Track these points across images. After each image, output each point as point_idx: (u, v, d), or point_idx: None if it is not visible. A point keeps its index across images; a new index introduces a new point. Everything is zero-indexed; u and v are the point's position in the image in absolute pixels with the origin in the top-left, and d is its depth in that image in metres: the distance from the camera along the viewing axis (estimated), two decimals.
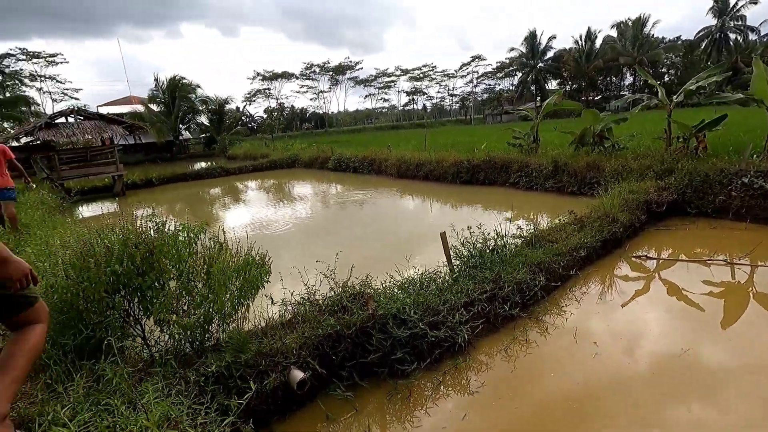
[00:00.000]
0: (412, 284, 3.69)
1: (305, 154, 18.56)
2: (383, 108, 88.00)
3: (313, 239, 7.28)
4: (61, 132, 11.55)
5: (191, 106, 36.59)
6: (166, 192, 14.62)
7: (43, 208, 7.45)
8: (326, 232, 7.79)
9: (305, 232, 7.81)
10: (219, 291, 2.61)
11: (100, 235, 2.46)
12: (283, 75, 66.54)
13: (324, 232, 7.80)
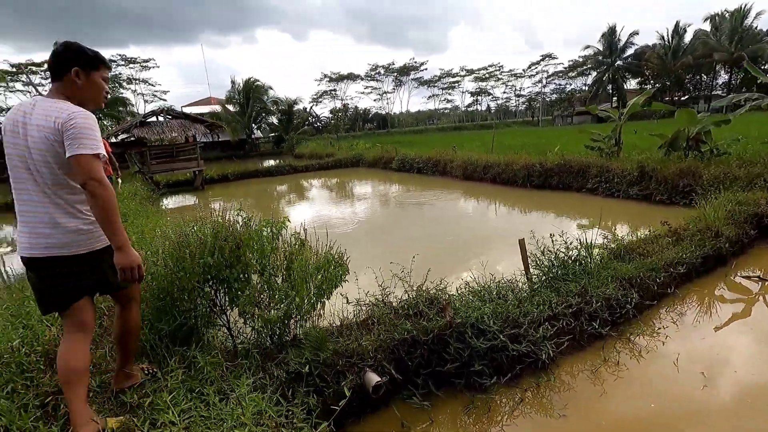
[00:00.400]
0: (487, 292, 3.51)
1: (369, 154, 18.77)
2: (445, 109, 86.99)
3: (379, 239, 7.29)
4: (153, 130, 12.72)
5: (263, 106, 38.60)
6: (240, 187, 15.50)
7: (137, 198, 8.20)
8: (391, 232, 7.76)
9: (371, 231, 7.85)
10: (300, 288, 2.62)
11: (195, 228, 2.57)
12: (348, 76, 68.24)
13: (388, 232, 7.78)
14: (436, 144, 23.72)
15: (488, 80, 76.53)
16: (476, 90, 79.27)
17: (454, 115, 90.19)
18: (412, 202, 10.39)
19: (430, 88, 76.97)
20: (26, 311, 2.71)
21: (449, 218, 8.51)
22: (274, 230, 2.84)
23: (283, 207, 11.60)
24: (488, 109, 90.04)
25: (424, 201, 10.37)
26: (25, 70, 43.00)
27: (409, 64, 69.30)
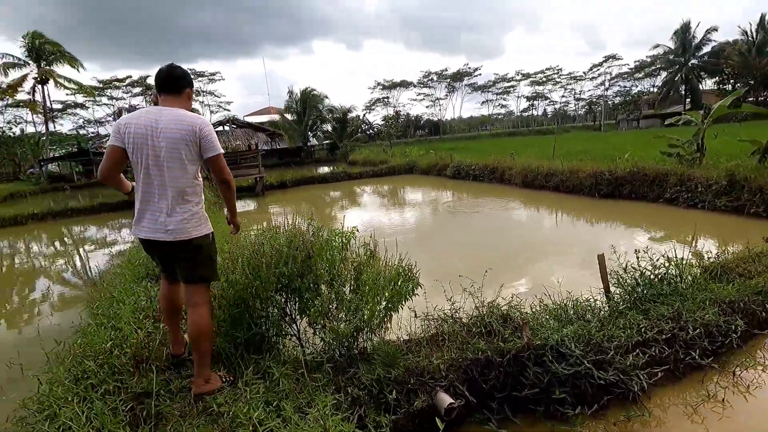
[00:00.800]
0: (563, 310, 3.25)
1: (423, 160, 18.63)
2: (499, 114, 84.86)
3: (435, 247, 7.11)
4: (219, 139, 13.46)
5: (319, 115, 39.79)
6: (297, 193, 15.98)
7: (206, 204, 8.63)
8: (448, 240, 7.56)
9: (426, 239, 7.70)
10: (371, 301, 2.56)
11: (269, 236, 2.59)
12: (401, 84, 68.66)
13: (445, 240, 7.58)
14: (490, 150, 23.12)
15: (545, 84, 73.71)
16: (532, 94, 76.63)
17: (508, 120, 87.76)
18: (468, 210, 10.11)
19: (483, 93, 75.56)
20: (115, 312, 2.88)
21: (508, 227, 8.16)
22: (343, 240, 2.80)
23: (338, 213, 11.76)
24: (544, 114, 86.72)
25: (481, 209, 10.05)
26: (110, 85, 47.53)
27: (463, 70, 68.46)
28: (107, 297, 3.39)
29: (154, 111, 2.15)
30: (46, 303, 6.28)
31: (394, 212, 10.97)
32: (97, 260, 9.18)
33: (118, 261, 8.34)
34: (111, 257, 9.07)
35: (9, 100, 39.08)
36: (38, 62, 34.06)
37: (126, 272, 4.04)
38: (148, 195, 2.16)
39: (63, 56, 35.15)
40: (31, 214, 13.51)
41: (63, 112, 46.18)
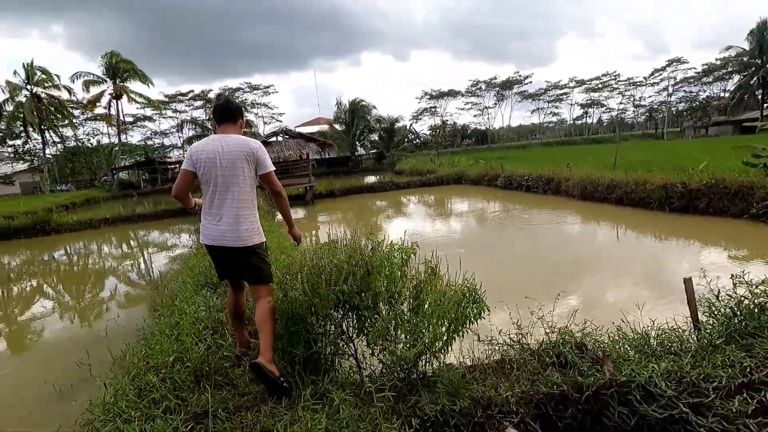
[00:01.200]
0: (645, 340, 2.89)
1: (472, 170, 18.22)
2: (550, 123, 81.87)
3: (492, 263, 6.77)
4: (273, 149, 13.93)
5: (367, 125, 40.39)
6: (345, 202, 16.14)
7: (261, 213, 8.90)
8: (506, 256, 7.20)
9: (481, 253, 7.37)
10: (433, 324, 2.38)
11: (328, 251, 2.50)
12: (449, 93, 68.31)
13: (503, 256, 7.23)
14: (542, 160, 22.22)
15: (601, 91, 70.35)
16: (587, 102, 73.37)
17: (560, 129, 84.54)
18: (523, 223, 9.66)
19: (534, 101, 73.36)
20: (176, 321, 2.92)
21: (570, 242, 7.66)
22: (403, 256, 2.66)
23: (386, 223, 11.68)
24: (599, 122, 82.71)
25: (538, 222, 9.56)
26: (175, 99, 51.03)
27: (513, 78, 67.03)
28: (169, 304, 3.48)
29: (218, 138, 2.57)
30: (113, 301, 6.65)
31: (443, 223, 10.72)
32: (159, 261, 9.72)
33: (178, 265, 8.76)
34: (171, 260, 9.56)
35: (88, 114, 43.13)
36: (114, 79, 37.29)
37: (187, 280, 4.15)
38: (216, 208, 2.54)
39: (135, 73, 38.25)
40: (103, 218, 14.61)
41: (133, 124, 50.15)
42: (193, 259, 5.75)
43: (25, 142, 43.68)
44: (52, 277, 8.81)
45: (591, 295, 5.03)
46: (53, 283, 8.33)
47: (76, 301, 6.99)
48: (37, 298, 7.24)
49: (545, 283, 5.42)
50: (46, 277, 8.80)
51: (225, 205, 2.50)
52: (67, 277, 8.72)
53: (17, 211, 17.95)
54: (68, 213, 21.99)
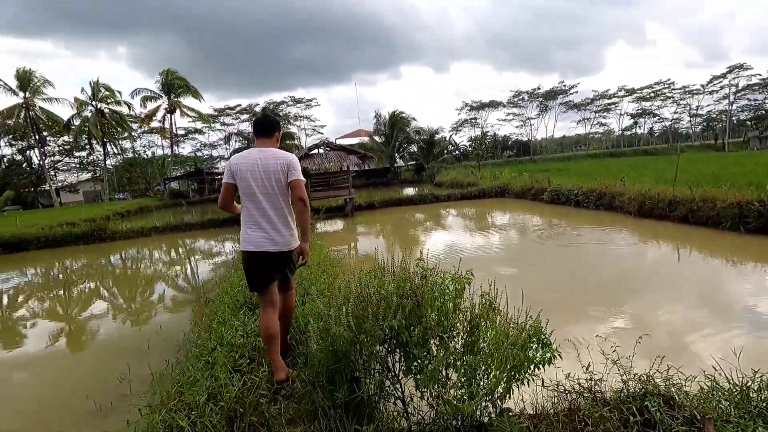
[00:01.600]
0: (745, 394, 2.42)
1: (516, 183, 17.55)
2: (596, 133, 78.35)
3: (548, 289, 6.23)
4: (314, 161, 14.02)
5: (406, 136, 40.38)
6: (385, 214, 15.97)
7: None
8: (556, 280, 6.64)
9: (533, 277, 6.77)
10: (494, 367, 2.08)
11: (376, 279, 2.27)
12: (490, 104, 67.23)
13: (553, 280, 6.69)
14: (590, 172, 21.12)
15: (653, 100, 66.71)
16: (637, 111, 69.77)
17: (607, 140, 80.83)
18: (577, 241, 9.03)
19: (580, 111, 70.63)
20: (212, 346, 2.79)
21: (636, 266, 6.99)
22: (457, 286, 2.37)
23: (425, 236, 11.36)
24: (650, 132, 78.32)
25: (594, 241, 8.91)
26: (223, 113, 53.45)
27: (557, 88, 65.00)
28: (207, 324, 3.39)
29: (256, 152, 2.75)
30: (158, 310, 6.76)
31: (486, 239, 10.27)
32: (203, 268, 9.96)
33: (221, 270, 8.89)
34: (214, 267, 9.76)
35: (145, 128, 46.03)
36: (169, 95, 39.58)
37: (225, 299, 4.07)
38: (257, 217, 2.69)
39: (188, 89, 40.45)
40: (153, 227, 15.25)
41: (185, 137, 52.94)
42: (232, 273, 5.71)
43: (89, 153, 47.22)
44: (103, 283, 9.17)
45: (667, 331, 4.48)
46: (103, 289, 8.66)
47: (124, 309, 7.17)
48: (88, 305, 7.52)
49: (609, 312, 4.92)
50: (98, 283, 9.18)
51: (265, 214, 2.67)
52: (116, 284, 9.04)
53: (79, 218, 19.17)
54: (123, 221, 23.30)
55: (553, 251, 8.28)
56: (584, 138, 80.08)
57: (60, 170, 49.26)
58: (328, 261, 5.12)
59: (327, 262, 5.10)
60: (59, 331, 6.20)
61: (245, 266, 2.79)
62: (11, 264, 12.11)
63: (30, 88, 35.66)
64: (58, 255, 13.04)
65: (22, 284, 9.82)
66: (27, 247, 13.72)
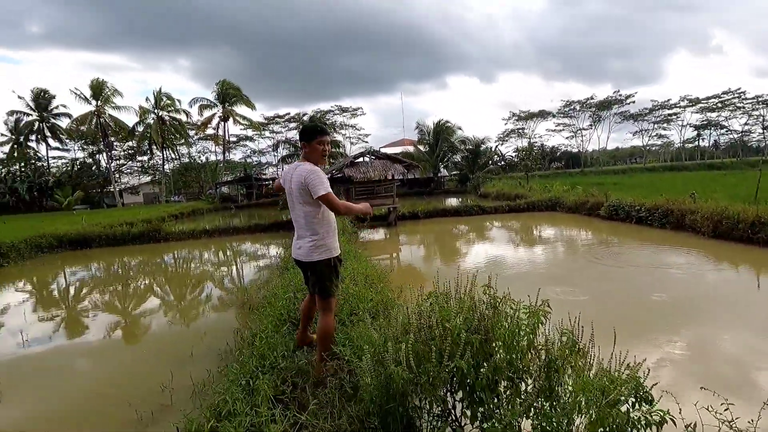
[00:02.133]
0: None
1: (568, 196, 16.61)
2: (653, 145, 73.57)
3: (614, 316, 5.65)
4: (359, 169, 13.95)
5: (451, 146, 39.83)
6: (428, 225, 15.60)
7: (346, 235, 8.89)
8: (628, 307, 5.99)
9: (606, 306, 5.87)
10: (588, 429, 1.72)
11: (437, 306, 1.97)
12: (539, 114, 65.15)
13: (624, 306, 6.06)
14: (649, 186, 19.69)
15: (721, 110, 61.85)
16: (701, 122, 64.96)
17: (665, 152, 75.77)
18: (646, 262, 8.25)
19: (637, 122, 66.74)
20: (252, 368, 2.60)
21: (718, 295, 6.23)
22: (533, 320, 2.03)
23: (473, 251, 10.89)
24: (715, 145, 72.60)
25: (664, 263, 8.09)
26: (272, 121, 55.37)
27: (612, 98, 61.88)
28: (249, 340, 3.24)
29: (293, 166, 2.98)
30: (204, 313, 6.79)
31: (538, 257, 9.65)
32: (248, 271, 10.11)
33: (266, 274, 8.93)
34: (258, 270, 9.86)
35: (200, 135, 48.57)
36: (223, 104, 41.58)
37: (269, 311, 3.92)
38: (294, 226, 2.99)
39: (241, 98, 42.31)
40: (203, 229, 15.79)
41: (236, 144, 55.27)
42: (276, 281, 5.60)
43: (150, 158, 50.42)
44: (155, 281, 9.48)
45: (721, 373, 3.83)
46: (156, 286, 8.92)
47: (173, 307, 7.30)
48: (140, 302, 7.74)
49: (703, 353, 4.31)
50: (151, 281, 9.50)
51: (296, 224, 2.95)
52: (167, 282, 9.31)
53: (137, 218, 20.30)
54: (176, 222, 24.45)
55: (616, 272, 7.58)
56: (639, 150, 75.57)
57: (124, 173, 52.92)
58: (375, 274, 4.86)
59: (374, 275, 4.85)
60: (111, 327, 6.36)
61: None
62: (76, 261, 12.89)
63: (101, 97, 38.68)
64: (117, 253, 13.76)
65: (85, 279, 10.37)
66: (90, 245, 14.60)
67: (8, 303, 8.23)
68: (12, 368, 4.97)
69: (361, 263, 5.31)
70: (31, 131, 42.80)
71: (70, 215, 27.97)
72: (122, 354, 5.31)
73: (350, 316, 3.45)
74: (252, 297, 6.43)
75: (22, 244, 12.88)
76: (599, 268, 7.94)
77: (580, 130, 66.79)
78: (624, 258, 8.63)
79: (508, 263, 8.87)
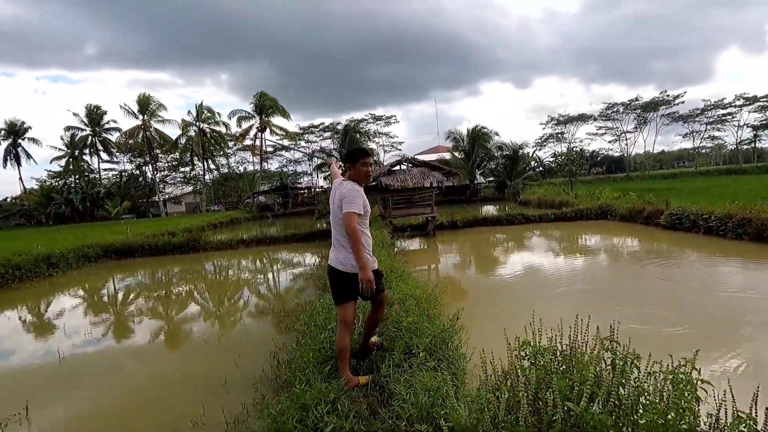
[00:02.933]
0: None
1: (621, 204, 15.42)
2: (704, 148, 68.87)
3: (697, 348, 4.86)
4: (396, 177, 13.48)
5: (487, 152, 38.75)
6: (469, 235, 14.90)
7: (385, 248, 8.39)
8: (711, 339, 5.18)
9: (712, 341, 4.69)
10: None
11: (546, 372, 1.43)
12: (579, 118, 62.69)
13: (707, 337, 5.22)
14: (708, 192, 18.03)
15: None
16: (760, 122, 60.27)
17: (717, 155, 70.83)
18: (721, 278, 7.27)
19: (686, 124, 62.78)
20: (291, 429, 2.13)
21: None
22: (686, 393, 1.44)
23: (522, 266, 10.12)
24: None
25: (752, 282, 7.09)
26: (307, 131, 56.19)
27: (659, 99, 58.59)
28: (286, 380, 2.80)
29: (338, 182, 3.22)
30: (240, 329, 6.48)
31: (595, 272, 8.79)
32: (285, 283, 9.84)
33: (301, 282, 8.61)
34: (295, 281, 9.59)
35: (239, 145, 49.93)
36: (260, 115, 42.52)
37: (309, 343, 3.46)
38: (332, 238, 3.16)
39: (277, 109, 43.13)
40: (240, 239, 15.81)
41: (273, 154, 56.43)
42: (317, 304, 5.17)
43: (191, 169, 52.33)
44: (192, 294, 9.36)
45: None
46: (192, 300, 8.78)
47: (207, 324, 7.04)
48: (178, 313, 7.57)
49: None
50: (189, 292, 9.40)
51: (335, 236, 3.13)
52: (204, 295, 9.16)
53: (179, 228, 20.77)
54: (216, 231, 24.89)
55: (696, 293, 6.66)
56: (688, 153, 70.98)
57: (168, 184, 55.20)
58: (425, 296, 4.27)
59: (423, 297, 4.27)
60: (143, 344, 6.16)
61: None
62: (120, 269, 13.15)
63: (147, 112, 40.54)
64: (158, 263, 13.95)
65: (130, 286, 10.45)
66: (134, 254, 14.93)
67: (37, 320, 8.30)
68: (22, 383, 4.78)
69: (408, 284, 4.79)
70: (84, 145, 45.47)
71: (118, 224, 29.19)
72: (152, 379, 4.97)
73: (408, 357, 2.93)
74: (288, 309, 6.04)
75: (71, 254, 13.27)
76: (684, 287, 7.03)
77: (624, 133, 63.68)
78: (711, 276, 7.63)
79: (566, 278, 8.09)
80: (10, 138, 46.13)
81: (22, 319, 8.31)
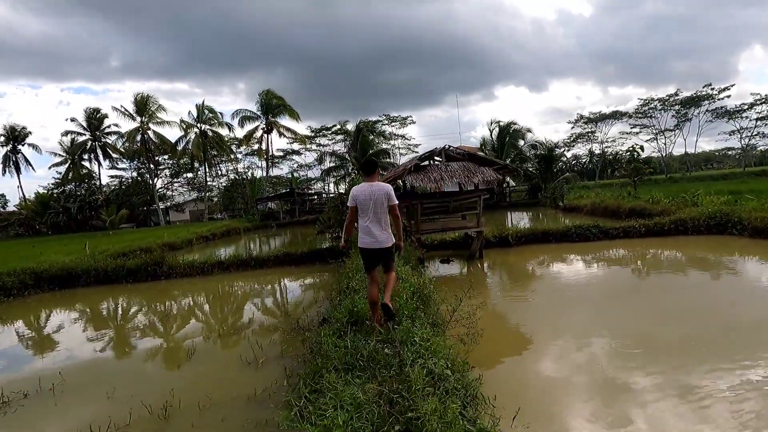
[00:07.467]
0: None
1: (749, 213, 10.91)
2: (732, 149, 62.84)
3: None
4: (428, 176, 9.28)
5: (518, 152, 34.43)
6: (528, 254, 10.66)
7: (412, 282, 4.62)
8: None
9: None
10: None
11: None
12: (611, 115, 57.65)
13: None
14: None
15: None
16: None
17: (748, 157, 64.79)
18: None
19: (732, 120, 57.08)
20: None
21: None
22: None
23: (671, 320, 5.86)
24: None
25: None
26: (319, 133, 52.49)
27: (702, 93, 53.23)
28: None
29: (368, 185, 4.30)
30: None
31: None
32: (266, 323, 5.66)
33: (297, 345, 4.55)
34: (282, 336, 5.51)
35: (247, 150, 46.47)
36: (266, 115, 38.88)
37: None
38: (370, 227, 4.22)
39: (285, 108, 39.34)
40: (217, 262, 11.85)
41: (282, 158, 52.82)
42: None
43: (194, 175, 49.10)
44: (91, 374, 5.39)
45: None
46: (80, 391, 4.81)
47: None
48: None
49: None
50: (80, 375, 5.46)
51: (374, 225, 4.19)
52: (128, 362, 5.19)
53: (158, 242, 17.09)
54: (205, 245, 21.03)
55: None
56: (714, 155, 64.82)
57: (170, 190, 52.10)
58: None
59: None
60: None
61: (362, 256, 4.38)
62: (30, 308, 9.32)
63: (146, 113, 37.33)
64: (101, 295, 10.21)
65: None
66: (76, 283, 11.17)
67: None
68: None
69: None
70: (84, 150, 42.52)
71: (107, 235, 25.80)
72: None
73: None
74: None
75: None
76: None
77: (662, 132, 58.33)
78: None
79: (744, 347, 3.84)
80: (9, 144, 43.70)
81: None
